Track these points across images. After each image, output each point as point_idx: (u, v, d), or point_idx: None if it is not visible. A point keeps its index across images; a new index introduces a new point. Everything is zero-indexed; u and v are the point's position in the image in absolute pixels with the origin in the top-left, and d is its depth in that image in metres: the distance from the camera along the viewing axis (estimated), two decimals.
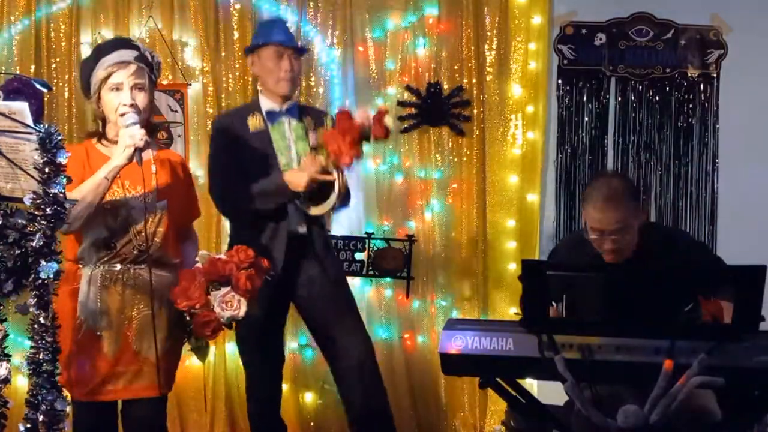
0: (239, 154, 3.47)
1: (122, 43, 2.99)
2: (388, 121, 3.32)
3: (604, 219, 3.00)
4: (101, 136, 2.93)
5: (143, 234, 2.81)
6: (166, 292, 2.82)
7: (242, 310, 2.78)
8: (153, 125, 3.04)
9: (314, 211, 3.45)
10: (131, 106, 2.82)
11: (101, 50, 2.94)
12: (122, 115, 2.80)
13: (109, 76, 2.84)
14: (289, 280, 3.51)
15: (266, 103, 3.56)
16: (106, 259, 2.83)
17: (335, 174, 3.37)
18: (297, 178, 3.38)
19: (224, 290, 2.77)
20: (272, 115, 3.55)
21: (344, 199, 3.51)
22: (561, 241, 4.36)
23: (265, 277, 2.88)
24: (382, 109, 3.41)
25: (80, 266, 2.86)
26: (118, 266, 2.84)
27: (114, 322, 2.82)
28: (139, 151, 2.73)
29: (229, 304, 2.77)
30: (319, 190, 3.42)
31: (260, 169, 3.46)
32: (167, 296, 2.82)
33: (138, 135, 2.73)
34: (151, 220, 2.84)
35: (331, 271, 3.58)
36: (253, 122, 3.54)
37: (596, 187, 3.09)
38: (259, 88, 3.63)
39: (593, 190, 3.08)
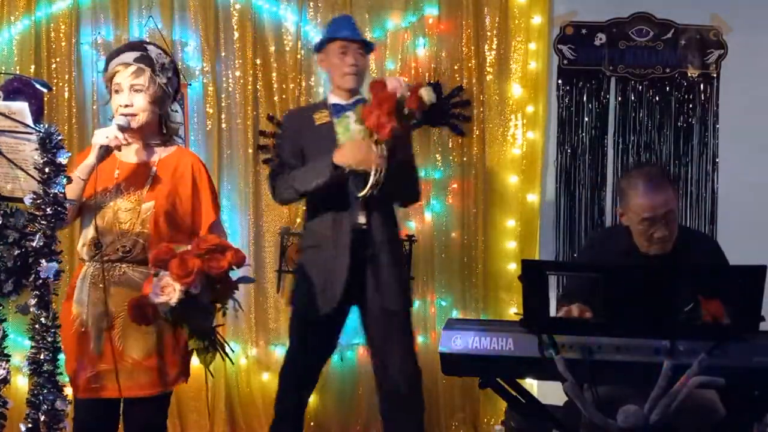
0: (301, 147, 3.55)
1: (130, 45, 3.04)
2: (424, 93, 3.20)
3: (652, 202, 2.97)
4: None
5: (129, 235, 2.83)
6: None
7: (175, 297, 2.58)
8: (168, 126, 3.01)
9: (360, 192, 3.38)
10: (126, 106, 2.84)
11: (111, 54, 3.00)
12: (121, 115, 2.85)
13: (112, 77, 2.88)
14: (355, 284, 3.49)
15: (333, 98, 3.64)
16: (96, 257, 2.86)
17: (374, 149, 3.28)
18: (347, 152, 3.35)
19: (161, 274, 2.61)
20: (338, 109, 3.60)
21: (404, 186, 3.54)
22: (590, 238, 4.33)
23: (230, 268, 2.64)
24: (420, 82, 3.36)
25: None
26: (106, 265, 2.85)
27: (100, 319, 2.83)
28: (106, 149, 2.77)
29: (165, 290, 2.59)
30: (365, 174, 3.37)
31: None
32: None
33: (104, 134, 2.78)
34: (134, 220, 2.85)
35: (392, 288, 3.53)
36: (319, 117, 3.59)
37: (634, 178, 3.05)
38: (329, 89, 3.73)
39: (632, 182, 3.04)
